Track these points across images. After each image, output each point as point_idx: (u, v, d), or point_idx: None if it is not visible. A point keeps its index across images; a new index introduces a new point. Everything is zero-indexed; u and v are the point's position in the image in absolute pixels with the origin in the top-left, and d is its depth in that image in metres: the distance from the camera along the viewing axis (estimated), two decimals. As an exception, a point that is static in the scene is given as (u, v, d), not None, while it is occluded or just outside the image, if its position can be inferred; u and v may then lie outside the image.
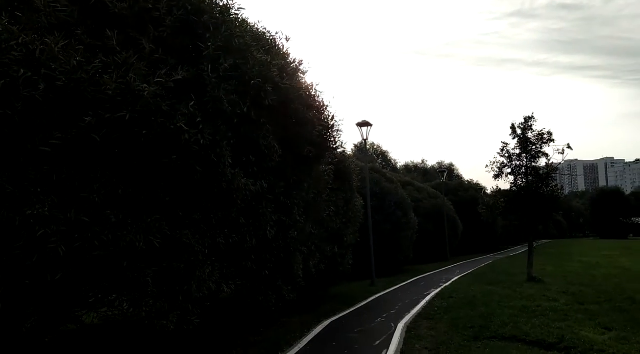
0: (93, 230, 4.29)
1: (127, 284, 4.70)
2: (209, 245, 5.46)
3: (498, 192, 17.60)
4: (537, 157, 17.33)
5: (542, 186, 16.88)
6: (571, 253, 32.91)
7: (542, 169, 17.01)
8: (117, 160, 4.71)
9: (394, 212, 22.07)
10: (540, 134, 17.21)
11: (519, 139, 17.59)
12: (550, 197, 16.34)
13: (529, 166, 17.22)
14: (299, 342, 8.24)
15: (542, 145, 17.20)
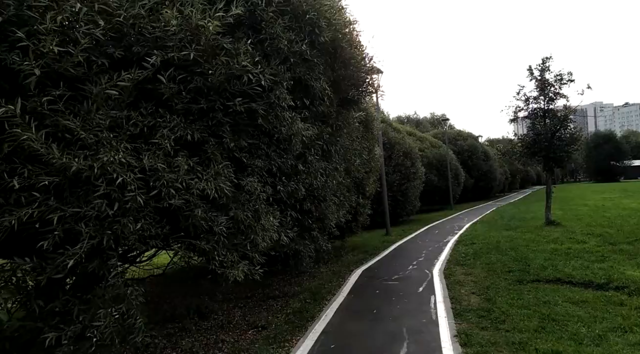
0: (168, 177, 4.19)
1: (201, 234, 4.68)
2: (271, 193, 5.42)
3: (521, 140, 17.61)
4: (555, 99, 17.36)
5: (560, 129, 17.02)
6: (571, 197, 34.00)
7: (561, 112, 17.10)
8: (183, 103, 4.52)
9: (402, 162, 22.24)
10: (560, 75, 17.09)
11: (536, 80, 17.47)
12: (570, 140, 16.53)
13: (547, 109, 17.26)
14: (339, 291, 8.52)
15: (561, 86, 17.15)
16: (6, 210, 3.54)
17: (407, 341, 5.35)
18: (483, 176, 43.87)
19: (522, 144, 17.60)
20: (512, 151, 17.85)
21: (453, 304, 6.93)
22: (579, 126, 18.16)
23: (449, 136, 39.71)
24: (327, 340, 5.64)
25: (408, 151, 22.99)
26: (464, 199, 39.80)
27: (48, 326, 3.82)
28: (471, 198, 42.95)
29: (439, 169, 32.79)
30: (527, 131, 17.80)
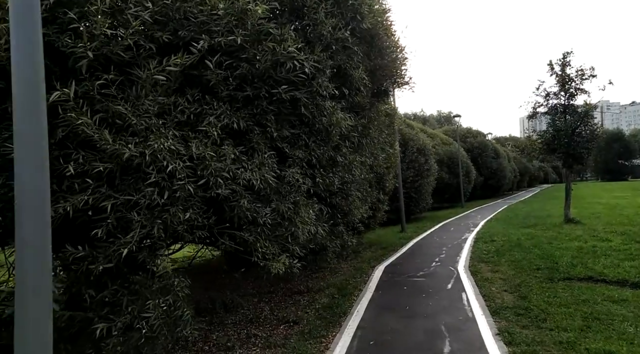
0: (216, 166, 4.13)
1: (243, 225, 4.63)
2: (311, 185, 5.36)
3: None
4: (575, 95, 17.22)
5: (581, 125, 16.89)
6: (583, 196, 33.89)
7: (581, 107, 16.96)
8: (229, 91, 4.46)
9: (416, 158, 22.13)
10: (581, 70, 16.95)
11: (556, 76, 17.33)
12: (590, 137, 16.40)
13: (567, 105, 17.13)
14: (365, 287, 8.48)
15: (583, 81, 17.01)
16: (60, 196, 3.50)
17: (448, 339, 5.30)
18: (492, 173, 43.72)
19: (541, 140, 17.49)
20: (531, 148, 17.71)
21: (487, 301, 6.87)
22: (599, 122, 17.99)
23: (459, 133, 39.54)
24: (364, 336, 5.60)
25: (422, 147, 22.87)
26: (473, 196, 39.69)
27: (98, 316, 3.78)
28: (480, 196, 42.82)
29: (449, 166, 32.68)
30: (547, 127, 17.68)
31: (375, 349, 5.15)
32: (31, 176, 2.27)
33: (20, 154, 2.29)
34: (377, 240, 15.45)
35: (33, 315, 2.24)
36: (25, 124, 2.30)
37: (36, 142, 2.31)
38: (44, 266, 2.27)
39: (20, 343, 2.22)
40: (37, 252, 2.25)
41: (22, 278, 2.24)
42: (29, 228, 2.25)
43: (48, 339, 2.27)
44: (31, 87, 2.32)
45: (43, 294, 2.26)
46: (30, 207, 2.26)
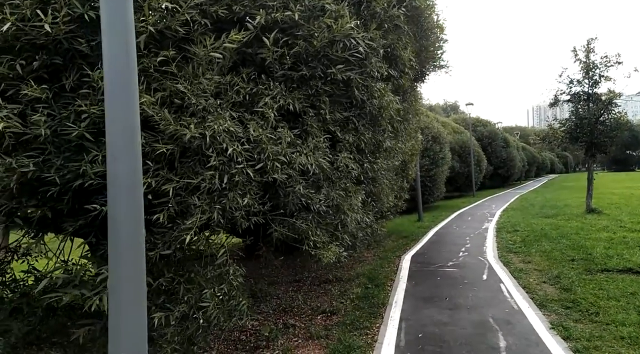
0: (272, 150, 3.95)
1: (295, 212, 4.47)
2: (360, 171, 5.18)
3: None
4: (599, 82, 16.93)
5: (604, 113, 16.64)
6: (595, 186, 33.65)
7: (605, 95, 16.68)
8: (284, 70, 4.25)
9: (431, 147, 21.92)
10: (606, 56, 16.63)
11: (580, 62, 17.01)
12: (615, 125, 16.14)
13: (591, 93, 16.84)
14: (397, 277, 8.37)
15: (608, 68, 16.71)
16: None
17: (500, 332, 5.17)
18: (502, 163, 43.52)
19: (564, 129, 17.23)
20: (553, 136, 17.46)
21: (529, 293, 6.74)
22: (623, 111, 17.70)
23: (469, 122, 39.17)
24: (410, 328, 5.48)
25: (436, 136, 22.63)
26: (482, 186, 39.54)
27: (154, 305, 3.64)
28: (489, 186, 42.67)
29: (460, 155, 32.45)
30: (570, 116, 17.41)
31: (426, 342, 5.02)
32: (124, 162, 2.10)
33: (112, 138, 2.12)
34: (396, 229, 15.32)
35: (126, 305, 2.09)
36: (118, 108, 2.13)
37: (128, 125, 2.13)
38: (137, 256, 2.12)
39: (114, 332, 2.08)
40: (130, 242, 2.10)
41: (115, 267, 2.09)
42: (121, 215, 2.09)
43: (143, 329, 2.12)
44: (122, 71, 2.14)
45: (137, 283, 2.11)
46: (122, 192, 2.09)
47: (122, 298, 2.08)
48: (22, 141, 3.29)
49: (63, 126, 3.23)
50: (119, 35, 2.12)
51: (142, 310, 2.13)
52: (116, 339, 2.08)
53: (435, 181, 22.49)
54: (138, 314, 2.11)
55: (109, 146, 2.11)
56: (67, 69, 3.42)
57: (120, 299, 2.08)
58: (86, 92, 3.32)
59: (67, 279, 3.42)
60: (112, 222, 2.09)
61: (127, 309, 2.08)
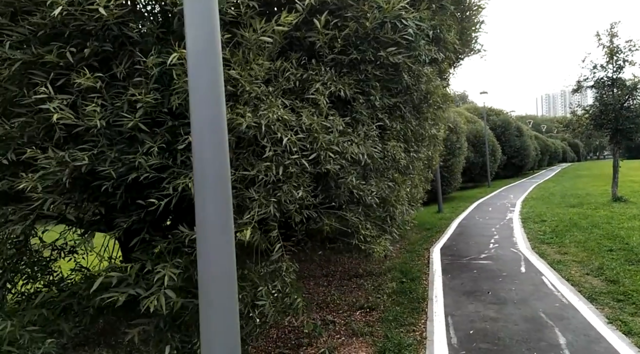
0: (325, 139, 3.79)
1: (343, 205, 4.32)
2: (408, 161, 5.02)
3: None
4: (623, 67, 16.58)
5: (629, 99, 16.31)
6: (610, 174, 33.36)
7: (631, 80, 16.35)
8: (334, 54, 4.08)
9: (448, 137, 21.63)
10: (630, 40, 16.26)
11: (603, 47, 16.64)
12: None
13: (615, 78, 16.50)
14: (430, 270, 8.23)
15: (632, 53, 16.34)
16: (175, 172, 3.19)
17: (556, 328, 5.01)
18: (516, 152, 43.12)
19: (588, 116, 16.91)
20: (577, 123, 17.15)
21: (574, 286, 6.57)
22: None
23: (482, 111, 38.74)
24: (458, 324, 5.33)
25: (454, 125, 22.34)
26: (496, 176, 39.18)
27: (209, 304, 3.51)
28: (503, 176, 42.30)
29: (475, 145, 32.13)
30: (593, 102, 17.09)
31: (479, 339, 4.88)
32: (211, 159, 1.96)
33: (197, 135, 1.97)
34: (417, 221, 15.14)
35: (218, 308, 1.96)
36: (204, 103, 1.98)
37: (215, 120, 1.98)
38: (227, 257, 1.99)
39: (207, 336, 1.95)
40: (220, 243, 1.97)
41: (205, 268, 1.96)
42: (210, 215, 1.95)
43: (235, 332, 1.99)
44: (207, 64, 1.99)
45: (228, 284, 1.98)
46: (211, 191, 1.96)
47: (214, 300, 1.95)
48: (73, 134, 3.16)
49: (117, 116, 3.09)
50: (202, 17, 1.97)
51: (234, 312, 2.01)
52: (209, 342, 1.95)
53: (453, 172, 22.27)
54: (230, 317, 1.99)
55: (195, 143, 1.98)
56: (117, 56, 3.27)
57: (211, 301, 1.95)
58: (139, 80, 3.18)
59: (120, 277, 3.30)
60: (200, 224, 1.97)
61: (219, 312, 1.96)
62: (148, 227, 3.45)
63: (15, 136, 3.10)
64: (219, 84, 2.00)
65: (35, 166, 3.18)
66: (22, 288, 3.77)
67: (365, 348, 4.97)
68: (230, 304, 1.99)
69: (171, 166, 3.23)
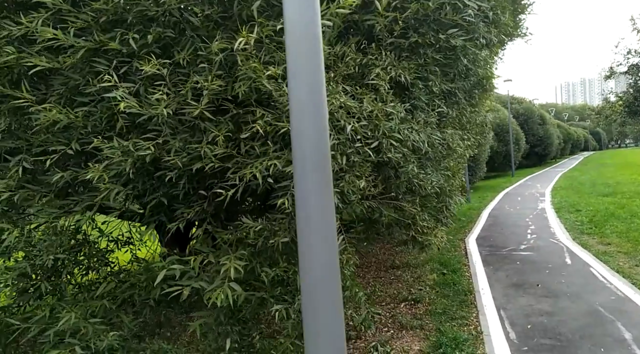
0: (386, 126, 3.62)
1: (399, 196, 4.17)
2: (464, 149, 4.82)
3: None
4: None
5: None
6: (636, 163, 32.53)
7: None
8: (393, 38, 3.89)
9: (473, 124, 21.25)
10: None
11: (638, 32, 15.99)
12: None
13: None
14: (470, 262, 8.04)
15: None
16: (240, 162, 3.08)
17: (618, 322, 4.80)
18: (539, 141, 42.21)
19: (622, 103, 16.35)
20: (611, 110, 16.61)
21: (627, 278, 6.31)
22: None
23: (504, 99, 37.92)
24: (513, 319, 5.15)
25: (479, 112, 21.89)
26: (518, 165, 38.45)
27: (272, 297, 3.42)
28: (525, 165, 41.49)
29: (497, 134, 31.44)
30: (627, 88, 16.51)
31: (539, 334, 4.69)
32: (311, 148, 1.82)
33: (296, 125, 1.84)
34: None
35: (323, 307, 1.84)
36: (302, 89, 1.84)
37: (315, 106, 1.84)
38: (330, 255, 1.86)
39: (311, 337, 1.84)
40: (323, 240, 1.84)
41: (308, 268, 1.84)
42: (312, 208, 1.82)
43: (341, 332, 1.87)
44: (306, 41, 1.84)
45: (332, 283, 1.85)
46: (312, 182, 1.82)
47: (318, 299, 1.83)
48: (135, 123, 3.07)
49: (180, 104, 2.98)
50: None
51: (339, 312, 1.88)
52: (314, 342, 1.83)
53: (478, 161, 21.82)
54: (335, 317, 1.86)
55: (294, 131, 1.84)
56: (179, 43, 3.15)
57: (316, 300, 1.83)
58: (202, 67, 3.05)
59: (183, 270, 3.22)
60: (302, 219, 1.84)
61: (324, 312, 1.83)
62: (209, 219, 3.35)
63: (79, 126, 3.02)
64: (318, 64, 1.85)
65: (98, 156, 3.11)
66: (81, 280, 3.74)
67: (418, 342, 4.84)
68: (335, 305, 1.86)
69: (235, 156, 3.12)
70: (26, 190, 3.08)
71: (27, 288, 3.42)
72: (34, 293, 3.49)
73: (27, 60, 2.81)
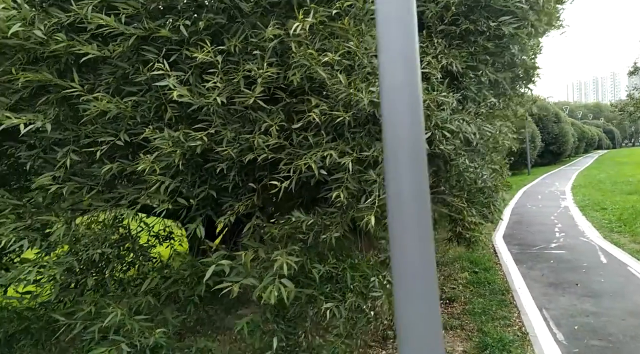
0: (438, 116, 3.45)
1: (445, 190, 4.00)
2: (509, 143, 4.63)
3: None
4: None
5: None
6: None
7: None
8: (444, 25, 3.72)
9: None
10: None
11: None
12: None
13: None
14: (500, 260, 7.83)
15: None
16: (292, 153, 2.94)
17: (671, 322, 4.58)
18: (554, 139, 41.60)
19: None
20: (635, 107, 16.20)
21: (670, 278, 6.06)
22: None
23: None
24: (557, 319, 4.95)
25: (496, 109, 21.57)
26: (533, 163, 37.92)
27: (321, 294, 3.28)
28: (540, 163, 40.91)
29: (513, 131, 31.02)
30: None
31: (587, 335, 4.49)
32: (406, 138, 1.65)
33: (388, 106, 1.67)
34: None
35: (418, 309, 1.68)
36: (395, 66, 1.66)
37: (410, 96, 1.67)
38: (426, 251, 1.68)
39: (406, 340, 1.68)
40: (418, 234, 1.67)
41: (400, 263, 1.68)
42: (405, 205, 1.65)
43: (438, 334, 1.71)
44: (400, 25, 1.67)
45: (428, 282, 1.69)
46: (406, 177, 1.66)
47: (412, 300, 1.66)
48: (184, 113, 2.94)
49: (233, 93, 2.85)
50: None
51: (435, 313, 1.71)
52: (408, 343, 1.68)
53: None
54: (431, 319, 1.70)
55: (386, 119, 1.67)
56: (229, 30, 3.02)
57: (409, 301, 1.66)
58: (254, 54, 2.91)
59: (231, 266, 3.09)
60: (394, 216, 1.66)
61: (419, 313, 1.67)
62: (258, 212, 3.22)
63: (127, 116, 2.90)
64: (413, 49, 1.69)
65: (144, 148, 2.99)
66: (123, 275, 3.63)
67: (461, 343, 4.66)
68: (430, 305, 1.70)
69: (287, 147, 2.98)
70: (73, 183, 2.97)
71: (71, 283, 3.32)
72: (77, 288, 3.39)
73: (77, 49, 2.69)
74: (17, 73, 2.64)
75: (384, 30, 1.67)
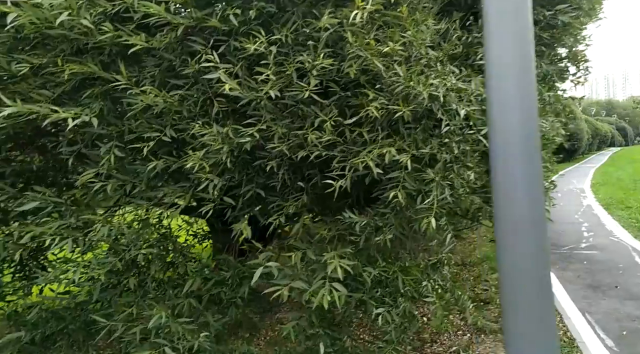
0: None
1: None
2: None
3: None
4: None
5: None
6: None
7: None
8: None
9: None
10: None
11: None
12: None
13: None
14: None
15: None
16: (345, 150, 2.75)
17: None
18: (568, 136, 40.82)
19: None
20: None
21: None
22: None
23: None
24: (603, 324, 4.72)
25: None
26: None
27: (372, 298, 3.10)
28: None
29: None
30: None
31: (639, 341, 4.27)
32: (517, 132, 1.45)
33: (497, 100, 1.47)
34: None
35: (531, 315, 1.49)
36: (506, 55, 1.46)
37: (522, 86, 1.47)
38: (540, 255, 1.49)
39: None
40: (531, 236, 1.48)
41: (510, 271, 1.49)
42: (517, 204, 1.46)
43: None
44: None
45: (541, 289, 1.50)
46: (517, 175, 1.46)
47: (524, 312, 1.48)
48: (233, 108, 2.77)
49: (285, 86, 2.67)
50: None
51: (550, 319, 1.52)
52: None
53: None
54: (546, 323, 1.51)
55: (494, 115, 1.47)
56: (278, 20, 2.83)
57: (521, 314, 1.48)
58: (307, 45, 2.73)
59: (279, 268, 2.93)
60: (502, 216, 1.47)
61: (532, 320, 1.48)
62: (305, 213, 3.05)
63: (173, 110, 2.74)
64: (526, 24, 1.49)
65: (189, 144, 2.83)
66: (163, 275, 3.49)
67: (503, 348, 4.45)
68: (547, 311, 1.51)
69: (340, 143, 2.80)
70: (116, 180, 2.82)
71: (111, 284, 3.18)
72: (116, 288, 3.26)
73: (124, 39, 2.53)
74: (62, 64, 2.48)
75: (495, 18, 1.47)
